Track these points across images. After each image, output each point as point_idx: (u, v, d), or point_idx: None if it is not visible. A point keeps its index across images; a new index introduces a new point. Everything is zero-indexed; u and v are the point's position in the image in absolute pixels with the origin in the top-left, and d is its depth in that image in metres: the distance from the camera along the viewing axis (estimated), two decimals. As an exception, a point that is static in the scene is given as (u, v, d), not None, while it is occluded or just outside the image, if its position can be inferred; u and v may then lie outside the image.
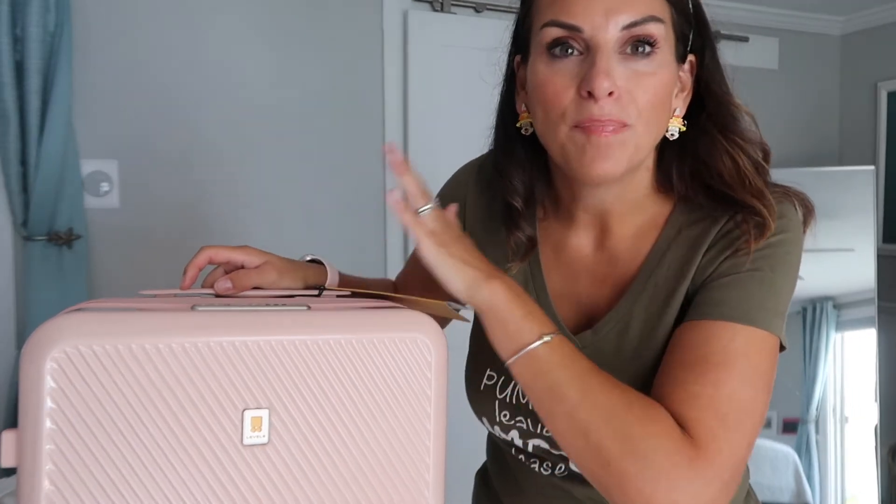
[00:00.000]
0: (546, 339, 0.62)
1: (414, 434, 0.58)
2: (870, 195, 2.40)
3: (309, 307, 0.59)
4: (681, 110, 0.73)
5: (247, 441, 0.53)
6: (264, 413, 0.53)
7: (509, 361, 0.63)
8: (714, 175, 0.70)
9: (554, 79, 0.67)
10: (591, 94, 0.64)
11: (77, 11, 1.83)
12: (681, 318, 0.69)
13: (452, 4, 2.35)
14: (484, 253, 0.85)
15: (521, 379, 0.64)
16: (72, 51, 1.78)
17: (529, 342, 0.62)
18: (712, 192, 0.71)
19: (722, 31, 0.76)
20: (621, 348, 0.73)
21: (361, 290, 0.74)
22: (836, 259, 2.37)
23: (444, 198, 0.91)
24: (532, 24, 0.71)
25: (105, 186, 1.95)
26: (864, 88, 2.91)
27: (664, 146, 0.74)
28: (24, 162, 1.77)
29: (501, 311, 0.62)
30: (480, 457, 0.94)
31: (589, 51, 0.65)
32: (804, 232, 0.71)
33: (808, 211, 0.72)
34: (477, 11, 2.39)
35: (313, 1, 2.15)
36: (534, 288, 0.80)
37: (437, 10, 2.34)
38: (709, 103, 0.73)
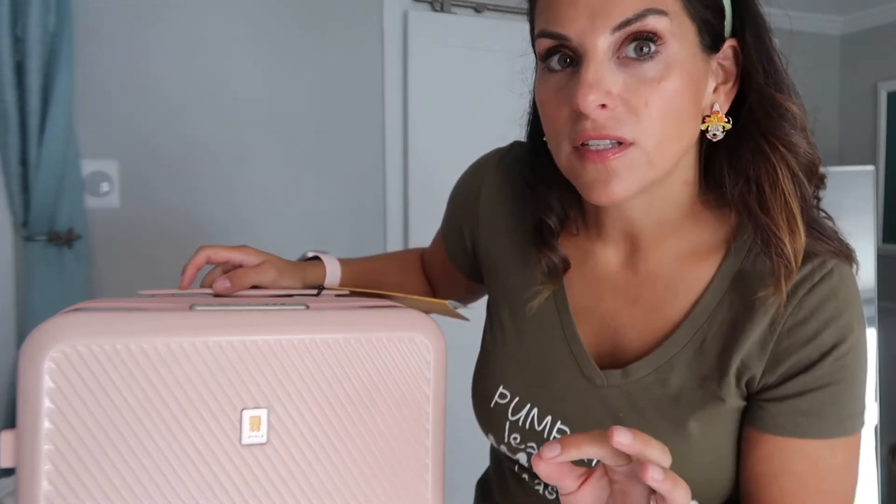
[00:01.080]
0: None
1: (413, 434, 0.58)
2: (870, 195, 2.40)
3: (307, 306, 0.59)
4: (722, 106, 0.63)
5: (245, 441, 0.53)
6: (263, 413, 0.53)
7: None
8: (752, 188, 0.62)
9: (549, 96, 0.61)
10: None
11: (77, 11, 1.83)
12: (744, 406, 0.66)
13: (452, 4, 2.35)
14: (508, 268, 0.79)
15: None
16: (72, 51, 1.78)
17: None
18: (750, 210, 0.63)
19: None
20: (656, 405, 0.66)
21: (360, 289, 0.74)
22: (836, 259, 2.36)
23: (456, 195, 0.86)
24: (533, 33, 0.65)
25: (105, 186, 1.95)
26: (864, 88, 2.91)
27: (711, 150, 0.66)
28: (24, 162, 1.77)
29: None
30: (482, 460, 0.93)
31: (580, 60, 0.58)
32: None
33: (854, 261, 0.65)
34: (477, 11, 2.39)
35: (313, 1, 2.15)
36: (554, 302, 0.73)
37: (437, 10, 2.34)
38: (750, 96, 0.63)
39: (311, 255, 0.82)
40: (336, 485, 0.56)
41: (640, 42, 0.57)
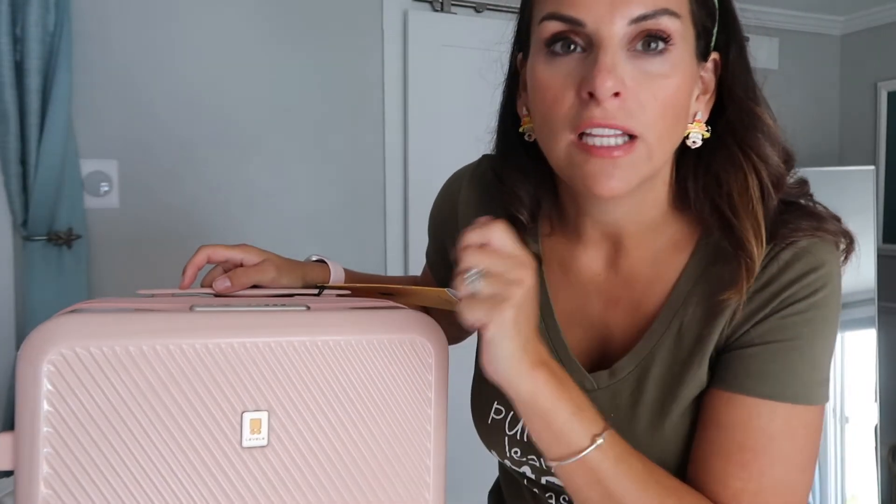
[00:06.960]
0: (599, 441, 0.56)
1: (414, 436, 0.58)
2: (870, 195, 2.39)
3: (308, 307, 0.58)
4: (703, 115, 0.65)
5: (246, 443, 0.53)
6: (263, 415, 0.53)
7: (555, 465, 0.57)
8: (723, 193, 0.64)
9: (553, 80, 0.60)
10: (592, 96, 0.57)
11: (77, 11, 1.83)
12: (710, 375, 0.65)
13: (452, 4, 2.35)
14: None
15: (570, 484, 0.58)
16: (72, 51, 1.78)
17: (581, 448, 0.56)
18: (719, 213, 0.64)
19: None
20: (640, 399, 0.66)
21: (361, 285, 0.74)
22: (836, 259, 2.36)
23: (434, 216, 0.87)
24: (532, 17, 0.64)
25: (105, 186, 1.94)
26: (864, 88, 2.91)
27: (681, 155, 0.67)
28: (24, 162, 1.76)
29: (545, 407, 0.55)
30: (484, 462, 0.92)
31: (592, 47, 0.58)
32: (844, 263, 0.64)
33: (850, 242, 0.64)
34: (477, 11, 2.39)
35: (313, 2, 2.14)
36: (539, 310, 0.71)
37: (437, 10, 2.33)
38: (729, 109, 0.65)
39: (315, 258, 0.82)
40: (337, 487, 0.55)
41: (650, 39, 0.58)
